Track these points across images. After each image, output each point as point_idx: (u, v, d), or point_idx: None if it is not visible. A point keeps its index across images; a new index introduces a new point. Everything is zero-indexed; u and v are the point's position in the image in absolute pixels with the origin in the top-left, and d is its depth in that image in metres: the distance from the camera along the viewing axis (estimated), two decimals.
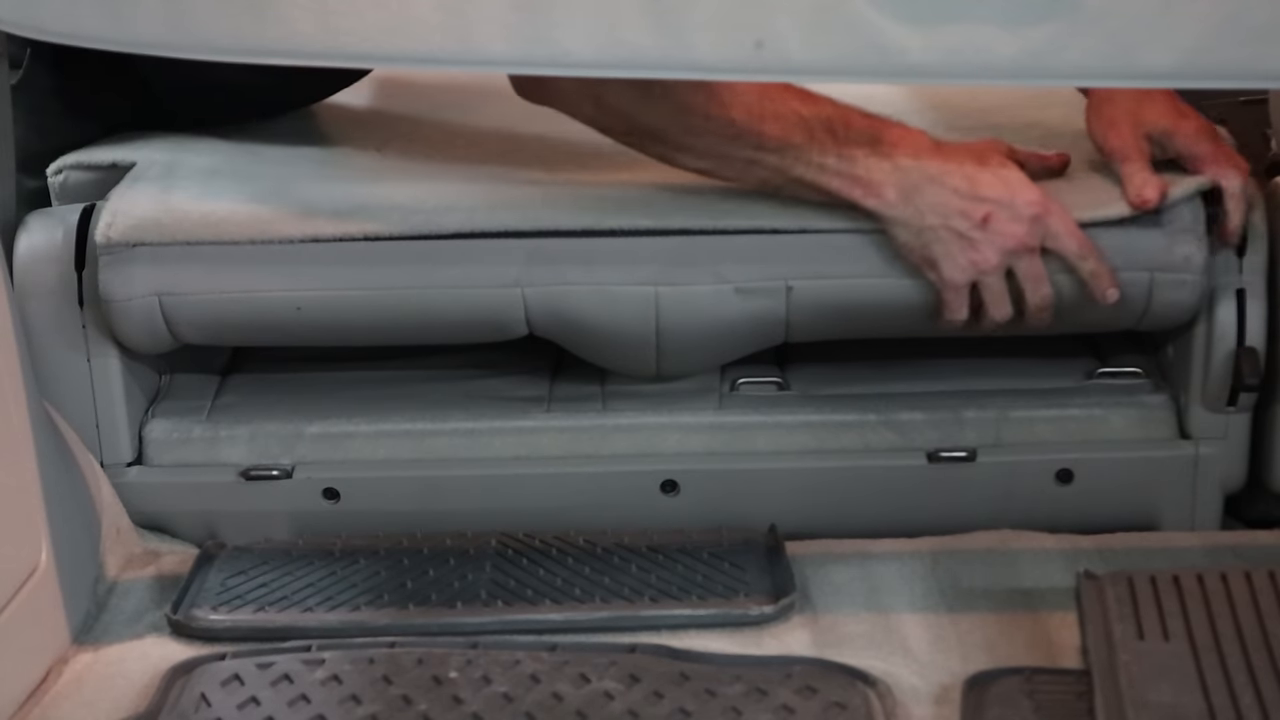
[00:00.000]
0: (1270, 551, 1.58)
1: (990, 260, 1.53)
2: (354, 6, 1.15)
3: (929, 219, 1.52)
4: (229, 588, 1.54)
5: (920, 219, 1.53)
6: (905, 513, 1.65)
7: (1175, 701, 1.28)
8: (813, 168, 1.53)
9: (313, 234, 1.58)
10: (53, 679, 1.43)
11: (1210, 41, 1.08)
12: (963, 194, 1.52)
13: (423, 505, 1.66)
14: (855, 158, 1.52)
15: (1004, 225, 1.52)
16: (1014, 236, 1.53)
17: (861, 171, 1.53)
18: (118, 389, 1.66)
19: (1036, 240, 1.53)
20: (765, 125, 1.51)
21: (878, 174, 1.53)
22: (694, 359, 1.67)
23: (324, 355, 1.76)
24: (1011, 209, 1.52)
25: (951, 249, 1.53)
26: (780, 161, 1.53)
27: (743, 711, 1.33)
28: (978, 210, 1.52)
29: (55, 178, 1.68)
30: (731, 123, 1.51)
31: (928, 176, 1.52)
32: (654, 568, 1.55)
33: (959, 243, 1.53)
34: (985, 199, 1.52)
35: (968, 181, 1.53)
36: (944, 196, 1.52)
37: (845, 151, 1.52)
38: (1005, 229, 1.52)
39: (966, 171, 1.53)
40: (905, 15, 1.08)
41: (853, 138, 1.52)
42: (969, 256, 1.53)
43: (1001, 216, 1.52)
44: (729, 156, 1.54)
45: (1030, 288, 1.55)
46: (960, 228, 1.52)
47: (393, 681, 1.38)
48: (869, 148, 1.52)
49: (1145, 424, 1.67)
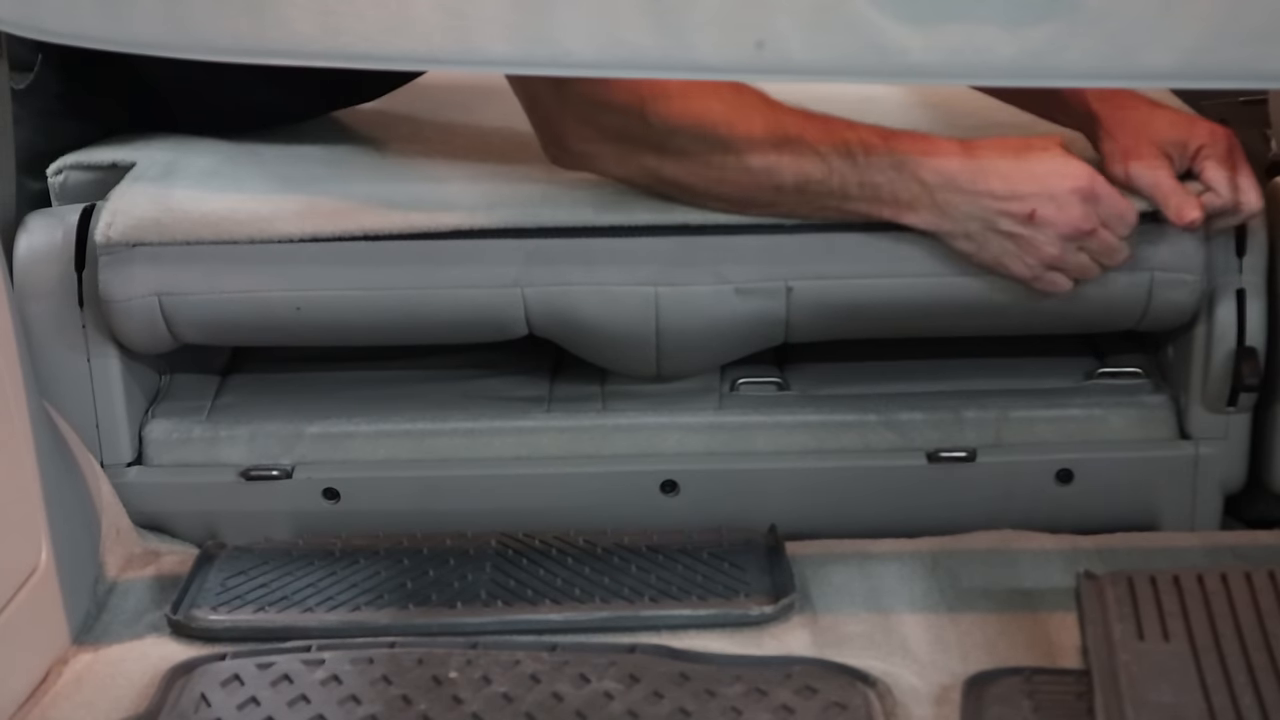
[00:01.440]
0: (1270, 551, 1.58)
1: (1051, 253, 1.51)
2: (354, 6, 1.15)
3: (972, 226, 1.51)
4: (229, 588, 1.54)
5: (964, 227, 1.51)
6: (905, 513, 1.65)
7: (1175, 701, 1.28)
8: (836, 198, 1.52)
9: (312, 234, 1.58)
10: (53, 679, 1.43)
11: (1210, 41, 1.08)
12: (999, 195, 1.50)
13: (423, 505, 1.66)
14: (878, 184, 1.51)
15: (1053, 217, 1.50)
16: (1068, 224, 1.50)
17: (887, 195, 1.51)
18: (118, 389, 1.66)
19: (1094, 221, 1.50)
20: (783, 169, 1.51)
21: (905, 195, 1.51)
22: (694, 359, 1.67)
23: (324, 355, 1.76)
24: (1055, 200, 1.49)
25: (1009, 249, 1.51)
26: (802, 198, 1.53)
27: (743, 711, 1.33)
28: (1020, 208, 1.50)
29: (55, 178, 1.68)
30: (747, 166, 1.51)
31: (957, 187, 1.50)
32: (654, 568, 1.55)
33: (1013, 243, 1.51)
34: (1024, 195, 1.49)
35: (1003, 181, 1.50)
36: (981, 203, 1.50)
37: (866, 179, 1.51)
38: (1056, 219, 1.50)
39: (1000, 170, 1.50)
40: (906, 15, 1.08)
41: (873, 163, 1.51)
42: (1030, 254, 1.51)
43: (1048, 210, 1.49)
44: (754, 200, 1.54)
45: (1106, 261, 1.53)
46: (1008, 228, 1.50)
47: (393, 681, 1.38)
48: (891, 170, 1.51)
49: (1145, 424, 1.67)
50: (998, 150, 1.52)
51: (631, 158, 1.54)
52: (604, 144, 1.53)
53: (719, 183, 1.53)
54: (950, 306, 1.59)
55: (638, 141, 1.52)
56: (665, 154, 1.52)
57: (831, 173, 1.51)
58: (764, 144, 1.51)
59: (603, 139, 1.53)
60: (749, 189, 1.53)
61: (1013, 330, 1.68)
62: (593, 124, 1.52)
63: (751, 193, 1.54)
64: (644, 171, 1.54)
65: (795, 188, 1.52)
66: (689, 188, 1.55)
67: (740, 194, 1.54)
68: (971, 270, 1.56)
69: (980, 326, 1.65)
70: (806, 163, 1.51)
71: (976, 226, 1.51)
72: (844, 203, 1.53)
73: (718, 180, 1.53)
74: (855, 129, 1.52)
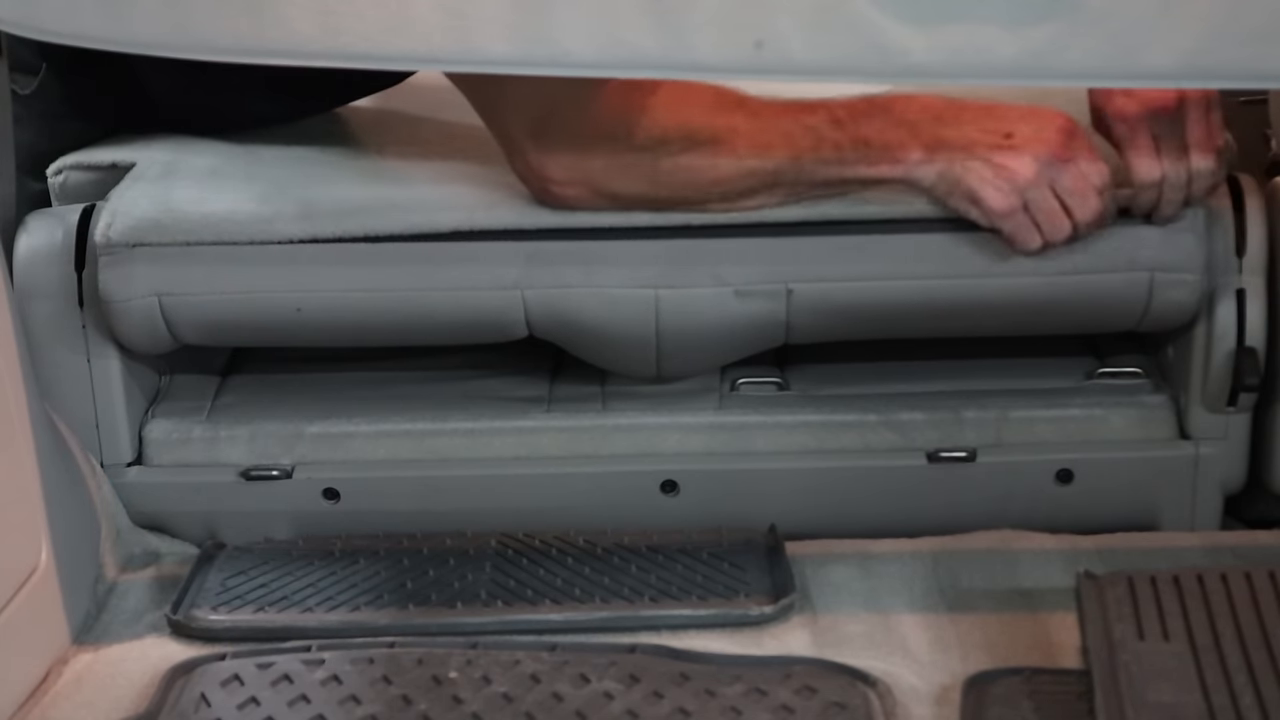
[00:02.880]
0: (1270, 551, 1.58)
1: (1026, 172, 1.51)
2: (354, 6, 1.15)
3: (955, 157, 1.52)
4: (229, 588, 1.54)
5: (948, 160, 1.52)
6: (905, 513, 1.65)
7: (1175, 701, 1.28)
8: (832, 165, 1.53)
9: (312, 234, 1.58)
10: (53, 679, 1.43)
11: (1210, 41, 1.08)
12: (979, 120, 1.51)
13: (423, 505, 1.66)
14: (869, 136, 1.52)
15: (1031, 137, 1.51)
16: (1044, 145, 1.50)
17: (878, 146, 1.52)
18: (118, 389, 1.66)
19: (1071, 151, 1.51)
20: (775, 152, 1.52)
21: (894, 142, 1.52)
22: (694, 361, 1.67)
23: (324, 355, 1.76)
24: (1036, 123, 1.51)
25: (985, 174, 1.51)
26: (799, 174, 1.53)
27: (743, 711, 1.34)
28: (1000, 129, 1.51)
29: (55, 178, 1.68)
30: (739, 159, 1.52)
31: (941, 120, 1.52)
32: (654, 568, 1.55)
33: (989, 167, 1.51)
34: (1006, 118, 1.51)
35: (985, 112, 1.52)
36: (964, 130, 1.51)
37: (859, 134, 1.52)
38: (1033, 140, 1.50)
39: (983, 105, 1.52)
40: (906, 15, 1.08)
41: (859, 117, 1.52)
42: (1005, 175, 1.51)
43: (1026, 130, 1.51)
44: (754, 191, 1.55)
45: (1076, 203, 1.52)
46: (986, 151, 1.51)
47: (393, 681, 1.38)
48: (879, 121, 1.52)
49: (1145, 424, 1.67)
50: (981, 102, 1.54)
51: (620, 187, 1.54)
52: (590, 181, 1.54)
53: (715, 184, 1.54)
54: (951, 308, 1.59)
55: (626, 170, 1.53)
56: (655, 175, 1.53)
57: (822, 140, 1.52)
58: (750, 135, 1.51)
59: (588, 176, 1.54)
60: (744, 181, 1.53)
61: (1013, 331, 1.68)
62: (577, 163, 1.53)
63: (750, 184, 1.54)
64: (638, 198, 1.55)
65: (790, 164, 1.52)
66: (686, 199, 1.55)
67: (739, 189, 1.54)
68: (972, 271, 1.56)
69: (980, 327, 1.65)
70: (796, 138, 1.52)
71: (959, 155, 1.52)
72: (841, 169, 1.53)
73: (713, 183, 1.53)
74: (837, 102, 1.53)
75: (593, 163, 1.53)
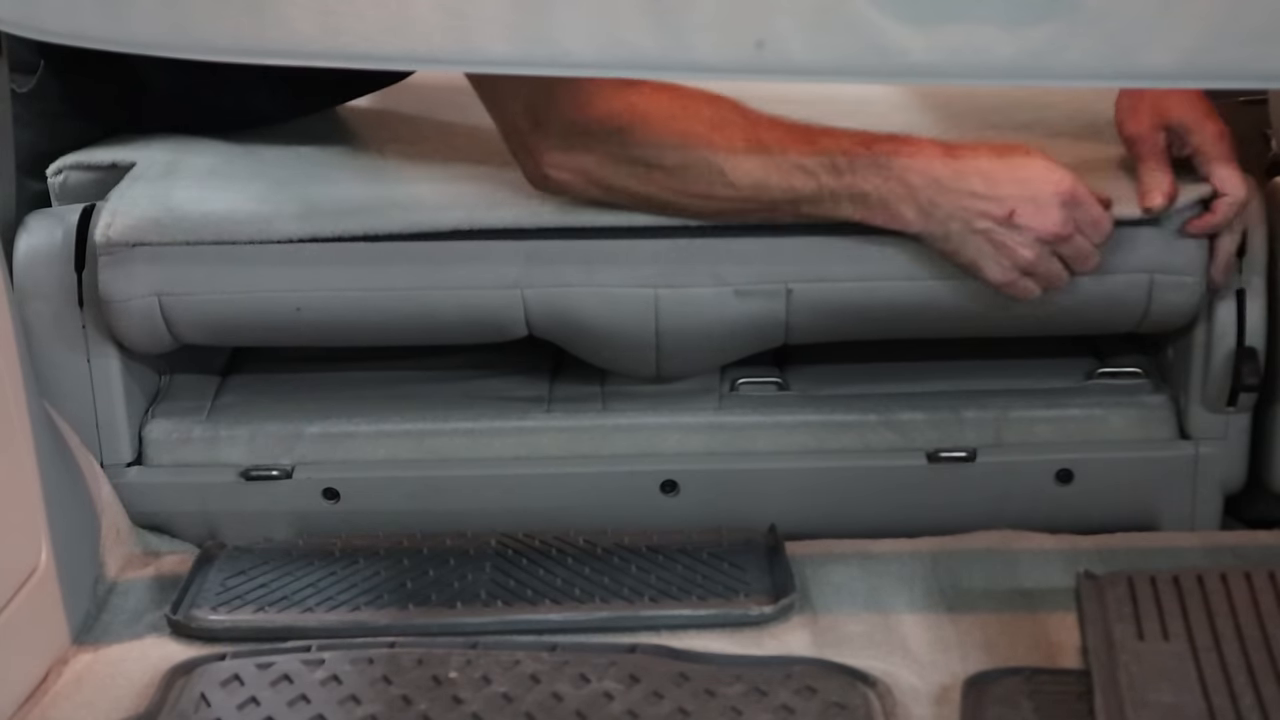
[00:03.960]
0: (1270, 551, 1.58)
1: (1027, 256, 1.51)
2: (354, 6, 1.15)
3: (953, 226, 1.51)
4: (229, 588, 1.54)
5: (945, 228, 1.51)
6: (905, 513, 1.65)
7: (1175, 701, 1.28)
8: (826, 206, 1.53)
9: (312, 234, 1.58)
10: (53, 679, 1.43)
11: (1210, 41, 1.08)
12: (980, 195, 1.50)
13: (423, 505, 1.66)
14: (865, 191, 1.51)
15: (1032, 218, 1.50)
16: (1046, 227, 1.50)
17: (875, 200, 1.51)
18: (118, 389, 1.66)
19: (1072, 227, 1.51)
20: (770, 185, 1.52)
21: (891, 198, 1.51)
22: (694, 360, 1.67)
23: (324, 355, 1.76)
24: (1036, 201, 1.50)
25: (985, 250, 1.51)
26: (795, 209, 1.53)
27: (743, 711, 1.34)
28: (999, 208, 1.50)
29: (55, 178, 1.68)
30: (733, 185, 1.52)
31: (941, 187, 1.50)
32: (654, 568, 1.55)
33: (990, 244, 1.51)
34: (1005, 196, 1.50)
35: (984, 181, 1.50)
36: (962, 201, 1.50)
37: (855, 187, 1.51)
38: (1034, 221, 1.50)
39: (982, 170, 1.51)
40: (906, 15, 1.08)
41: (859, 169, 1.51)
42: (1006, 256, 1.51)
43: (1027, 210, 1.50)
44: (745, 212, 1.55)
45: (1078, 266, 1.53)
46: (986, 228, 1.50)
47: (393, 681, 1.38)
48: (877, 176, 1.51)
49: (1145, 424, 1.67)
50: (980, 153, 1.53)
51: (616, 184, 1.54)
52: (586, 174, 1.54)
53: (707, 200, 1.54)
54: (951, 308, 1.59)
55: (620, 166, 1.52)
56: (650, 178, 1.53)
57: (820, 186, 1.52)
58: (748, 162, 1.51)
59: (583, 167, 1.53)
60: (737, 204, 1.54)
61: (1013, 332, 1.68)
62: (572, 153, 1.52)
63: (740, 206, 1.54)
64: (631, 196, 1.55)
65: (785, 201, 1.53)
66: (679, 207, 1.55)
67: (729, 209, 1.54)
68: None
69: (981, 328, 1.65)
70: (793, 178, 1.52)
71: (957, 226, 1.51)
72: (835, 209, 1.53)
73: (705, 199, 1.54)
74: (837, 138, 1.52)
75: (587, 155, 1.53)
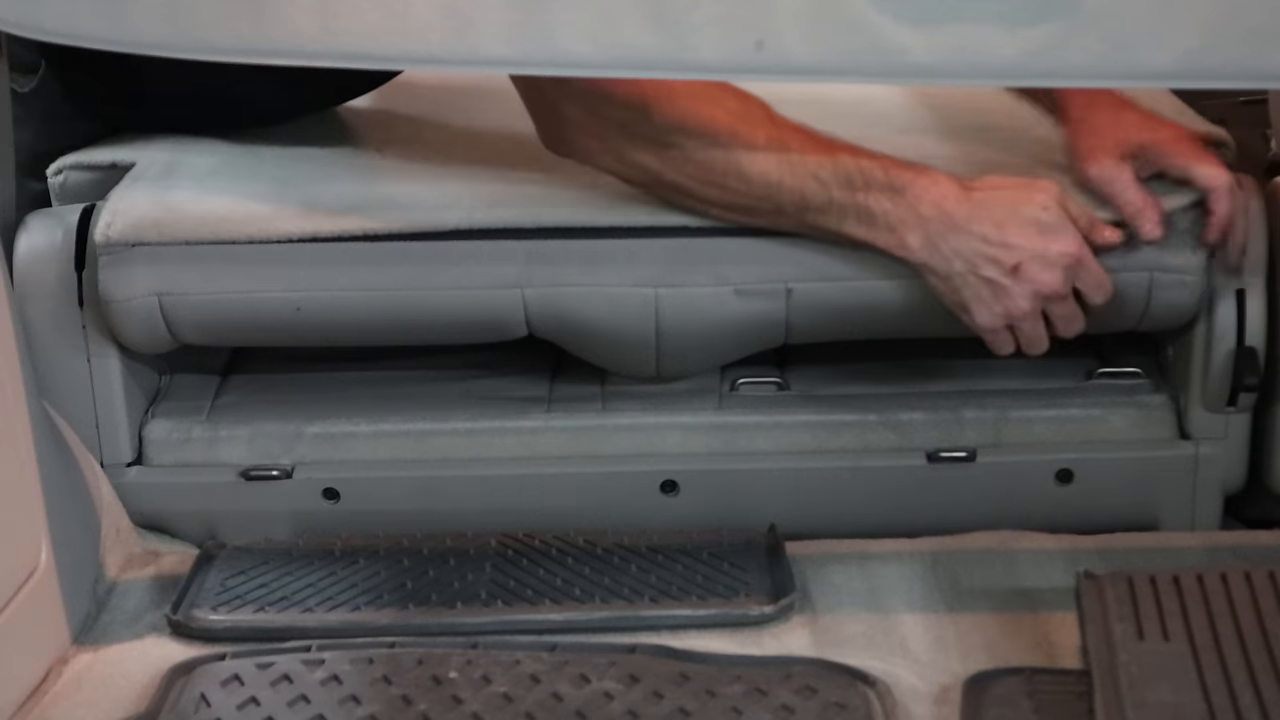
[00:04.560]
0: (1270, 551, 1.58)
1: (1022, 308, 1.51)
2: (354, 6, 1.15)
3: (956, 265, 1.51)
4: (229, 588, 1.54)
5: (948, 265, 1.51)
6: (905, 513, 1.65)
7: (1175, 701, 1.28)
8: (832, 219, 1.52)
9: (312, 233, 1.58)
10: (53, 679, 1.43)
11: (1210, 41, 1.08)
12: (991, 241, 1.50)
13: (423, 505, 1.66)
14: (874, 211, 1.51)
15: (1035, 274, 1.50)
16: (1046, 285, 1.50)
17: (882, 222, 1.51)
18: (118, 389, 1.66)
19: (1069, 287, 1.51)
20: (783, 188, 1.51)
21: (899, 223, 1.51)
22: (694, 360, 1.67)
23: (324, 355, 1.76)
24: (1043, 258, 1.50)
25: (982, 295, 1.51)
26: (801, 217, 1.53)
27: (743, 711, 1.33)
28: (1008, 258, 1.50)
29: (55, 178, 1.68)
30: (747, 179, 1.51)
31: (952, 224, 1.50)
32: (654, 568, 1.55)
33: (989, 290, 1.51)
34: (1015, 246, 1.49)
35: (996, 228, 1.50)
36: (971, 244, 1.50)
37: (865, 206, 1.51)
38: (1037, 277, 1.50)
39: (996, 217, 1.50)
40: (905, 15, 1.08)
41: (872, 187, 1.51)
42: (1002, 304, 1.51)
43: (1033, 266, 1.50)
44: (753, 211, 1.54)
45: (1062, 326, 1.54)
46: (990, 275, 1.50)
47: (393, 681, 1.38)
48: (889, 201, 1.51)
49: (1145, 424, 1.67)
50: (996, 193, 1.52)
51: (631, 155, 1.53)
52: (604, 139, 1.53)
53: (719, 190, 1.53)
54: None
55: (639, 139, 1.52)
56: (666, 155, 1.52)
57: (830, 198, 1.51)
58: (765, 160, 1.51)
59: (603, 134, 1.52)
60: (747, 200, 1.53)
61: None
62: (594, 117, 1.52)
63: (749, 204, 1.53)
64: (643, 171, 1.54)
65: (793, 206, 1.52)
66: (688, 192, 1.54)
67: (738, 204, 1.54)
68: None
69: None
70: (806, 185, 1.51)
71: (960, 266, 1.51)
72: (841, 225, 1.53)
73: (717, 188, 1.53)
74: (858, 156, 1.52)
75: (608, 121, 1.52)
